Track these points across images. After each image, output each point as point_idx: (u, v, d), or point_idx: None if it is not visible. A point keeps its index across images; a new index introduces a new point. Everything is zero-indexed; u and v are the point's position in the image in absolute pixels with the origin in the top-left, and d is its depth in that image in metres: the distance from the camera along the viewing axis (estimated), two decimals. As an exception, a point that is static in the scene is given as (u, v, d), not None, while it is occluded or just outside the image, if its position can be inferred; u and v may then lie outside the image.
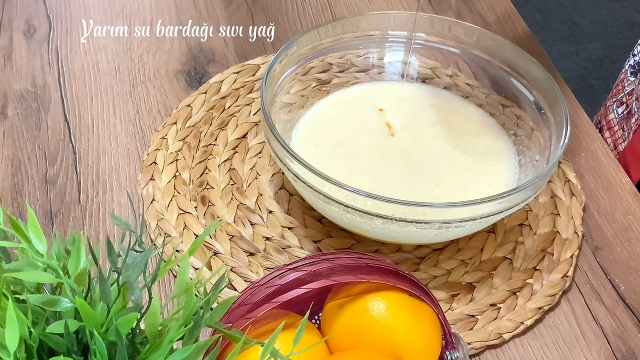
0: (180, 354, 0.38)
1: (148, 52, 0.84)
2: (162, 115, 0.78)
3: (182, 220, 0.68)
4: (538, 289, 0.64)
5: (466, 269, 0.66)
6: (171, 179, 0.71)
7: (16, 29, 0.86)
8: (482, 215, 0.59)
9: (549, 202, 0.70)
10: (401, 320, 0.50)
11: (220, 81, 0.80)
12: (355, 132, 0.71)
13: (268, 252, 0.66)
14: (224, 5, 0.90)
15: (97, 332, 0.37)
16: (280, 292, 0.49)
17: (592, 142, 0.77)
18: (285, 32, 0.87)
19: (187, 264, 0.40)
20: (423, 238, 0.63)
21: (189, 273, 0.63)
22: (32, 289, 0.40)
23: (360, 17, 0.72)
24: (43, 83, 0.80)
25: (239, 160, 0.73)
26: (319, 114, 0.73)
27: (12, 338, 0.35)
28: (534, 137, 0.68)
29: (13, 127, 0.76)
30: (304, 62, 0.72)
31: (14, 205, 0.69)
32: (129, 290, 0.39)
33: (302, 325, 0.41)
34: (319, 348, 0.50)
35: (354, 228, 0.63)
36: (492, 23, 0.89)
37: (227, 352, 0.47)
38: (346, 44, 0.73)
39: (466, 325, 0.62)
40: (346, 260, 0.50)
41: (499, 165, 0.69)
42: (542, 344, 0.62)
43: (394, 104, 0.74)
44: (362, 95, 0.75)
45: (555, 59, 1.89)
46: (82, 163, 0.73)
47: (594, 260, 0.67)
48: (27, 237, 0.39)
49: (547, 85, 0.67)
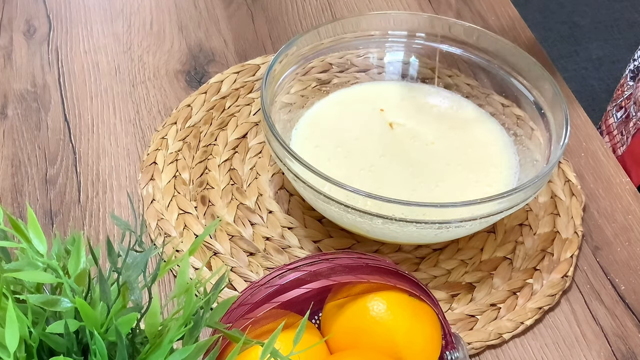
0: (180, 354, 0.38)
1: (148, 52, 0.84)
2: (162, 115, 0.78)
3: (182, 220, 0.68)
4: (538, 289, 0.64)
5: (466, 269, 0.66)
6: (171, 179, 0.71)
7: (16, 29, 0.86)
8: (482, 215, 0.59)
9: (549, 202, 0.70)
10: (401, 320, 0.50)
11: (220, 81, 0.80)
12: (355, 132, 0.71)
13: (268, 252, 0.66)
14: (224, 5, 0.90)
15: (97, 332, 0.37)
16: (280, 292, 0.49)
17: (592, 142, 0.77)
18: (285, 32, 0.87)
19: (187, 264, 0.40)
20: (423, 238, 0.63)
21: (189, 273, 0.63)
22: (32, 289, 0.40)
23: (360, 17, 0.72)
24: (43, 83, 0.80)
25: (239, 160, 0.73)
26: (319, 114, 0.73)
27: (12, 338, 0.35)
28: (534, 137, 0.68)
29: (13, 127, 0.76)
30: (304, 62, 0.72)
31: (14, 205, 0.69)
32: (129, 290, 0.39)
33: (302, 325, 0.41)
34: (319, 348, 0.50)
35: (354, 228, 0.63)
36: (492, 23, 0.89)
37: (227, 352, 0.47)
38: (346, 44, 0.73)
39: (466, 325, 0.62)
40: (346, 260, 0.50)
41: (499, 165, 0.69)
42: (542, 344, 0.62)
43: (394, 104, 0.74)
44: (362, 95, 0.75)
45: (555, 59, 1.89)
46: (82, 163, 0.73)
47: (594, 260, 0.67)
48: (27, 237, 0.39)
49: (547, 85, 0.67)
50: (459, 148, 0.70)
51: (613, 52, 1.93)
